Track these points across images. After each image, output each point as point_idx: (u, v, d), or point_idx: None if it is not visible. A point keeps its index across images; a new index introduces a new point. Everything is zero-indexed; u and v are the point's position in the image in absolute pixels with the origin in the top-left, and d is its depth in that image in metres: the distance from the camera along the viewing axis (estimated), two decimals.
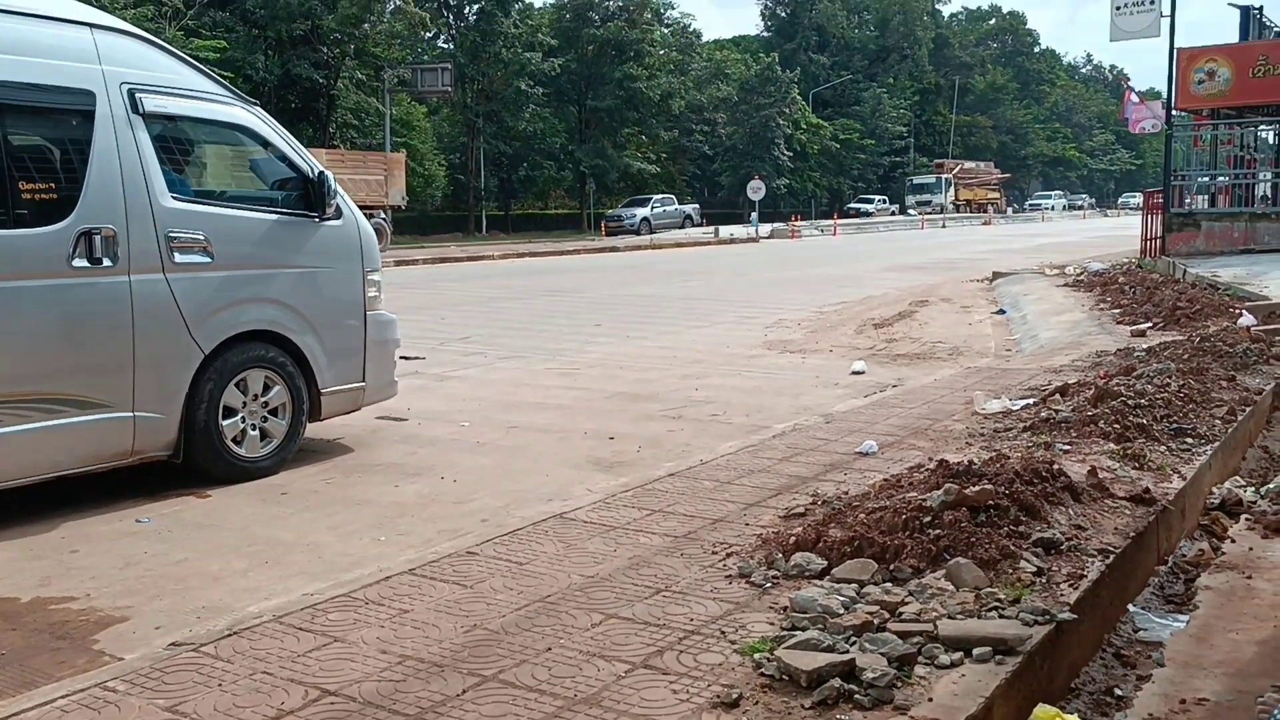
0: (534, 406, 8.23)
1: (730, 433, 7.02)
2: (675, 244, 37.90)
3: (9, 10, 5.24)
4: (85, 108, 5.37)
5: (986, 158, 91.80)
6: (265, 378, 6.15)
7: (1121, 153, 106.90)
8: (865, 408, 7.33)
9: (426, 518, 5.35)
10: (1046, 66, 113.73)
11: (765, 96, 63.00)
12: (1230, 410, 6.20)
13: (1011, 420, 6.39)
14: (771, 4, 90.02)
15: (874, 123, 77.84)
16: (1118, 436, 5.48)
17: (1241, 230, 18.10)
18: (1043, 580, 3.54)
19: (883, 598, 3.40)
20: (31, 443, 5.11)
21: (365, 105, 42.86)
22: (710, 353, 11.12)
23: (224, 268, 5.88)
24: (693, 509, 4.79)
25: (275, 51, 39.18)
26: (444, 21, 50.53)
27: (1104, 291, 14.52)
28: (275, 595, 4.11)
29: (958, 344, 11.45)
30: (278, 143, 6.34)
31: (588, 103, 54.98)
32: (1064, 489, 4.33)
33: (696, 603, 3.60)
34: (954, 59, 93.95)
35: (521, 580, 3.89)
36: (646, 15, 56.54)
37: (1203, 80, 18.79)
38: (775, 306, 15.71)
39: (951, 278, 20.34)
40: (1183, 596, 4.08)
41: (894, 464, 5.44)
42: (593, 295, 18.23)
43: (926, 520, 3.87)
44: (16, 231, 5.06)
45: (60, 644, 3.83)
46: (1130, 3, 18.43)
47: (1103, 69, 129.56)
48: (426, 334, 12.36)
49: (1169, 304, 11.65)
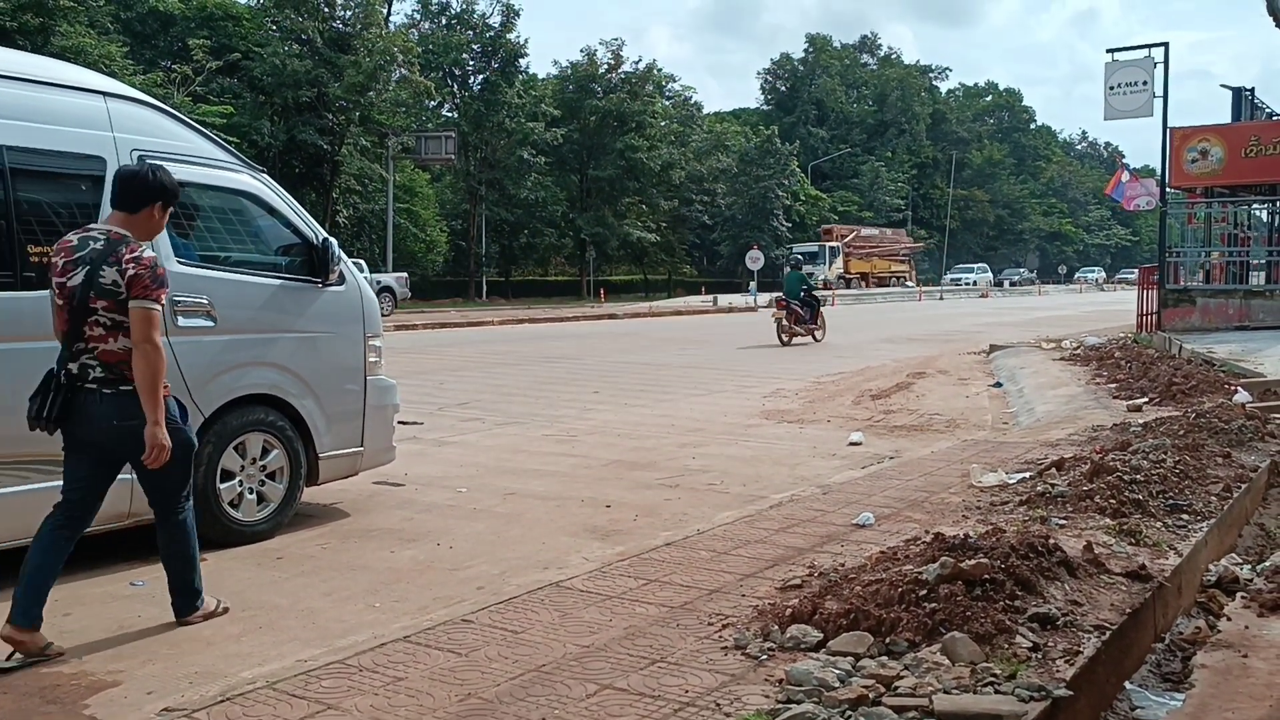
0: (531, 473, 8.23)
1: (727, 502, 7.03)
2: (674, 312, 38.09)
3: (27, 79, 5.35)
4: (96, 173, 5.46)
5: (983, 231, 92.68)
6: (264, 441, 6.16)
7: (1117, 229, 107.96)
8: (862, 479, 7.34)
9: (422, 584, 5.34)
10: (1042, 142, 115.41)
11: (764, 168, 63.81)
12: (1226, 487, 6.21)
13: (1008, 494, 6.39)
14: (771, 78, 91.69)
15: (872, 195, 78.77)
16: (1114, 512, 5.48)
17: (1236, 307, 18.23)
18: (1039, 656, 3.54)
19: (878, 671, 3.39)
20: (30, 503, 5.10)
21: (369, 171, 43.35)
22: (708, 421, 11.14)
23: (227, 332, 5.93)
24: (689, 579, 4.78)
25: (281, 117, 39.71)
26: (448, 90, 51.35)
27: (1100, 366, 14.58)
28: (269, 661, 4.09)
29: (955, 416, 11.48)
30: (283, 209, 6.43)
31: (589, 172, 55.67)
32: (1060, 564, 4.33)
33: (692, 674, 3.58)
34: (951, 134, 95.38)
35: (516, 649, 3.88)
36: (648, 88, 57.51)
37: (1196, 159, 19.06)
38: (773, 376, 15.76)
39: (948, 350, 20.44)
40: (1179, 674, 4.06)
41: (890, 536, 5.44)
42: (591, 362, 18.29)
43: (922, 594, 3.87)
44: (24, 294, 5.12)
45: (51, 709, 3.80)
46: (1124, 83, 18.75)
47: (1098, 146, 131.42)
48: (425, 399, 12.39)
49: (1165, 379, 11.69)
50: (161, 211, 4.63)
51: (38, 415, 4.37)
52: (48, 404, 4.36)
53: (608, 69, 56.27)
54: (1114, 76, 18.89)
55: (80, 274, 4.33)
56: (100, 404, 4.37)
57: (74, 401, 4.38)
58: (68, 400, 4.38)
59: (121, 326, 4.33)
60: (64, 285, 4.36)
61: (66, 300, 4.35)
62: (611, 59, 56.47)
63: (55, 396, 4.36)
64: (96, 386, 4.37)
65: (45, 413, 4.36)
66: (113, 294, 4.30)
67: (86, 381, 4.37)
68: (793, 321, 22.20)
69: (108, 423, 4.38)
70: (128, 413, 4.35)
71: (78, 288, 4.32)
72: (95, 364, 4.37)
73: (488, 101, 49.88)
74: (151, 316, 4.32)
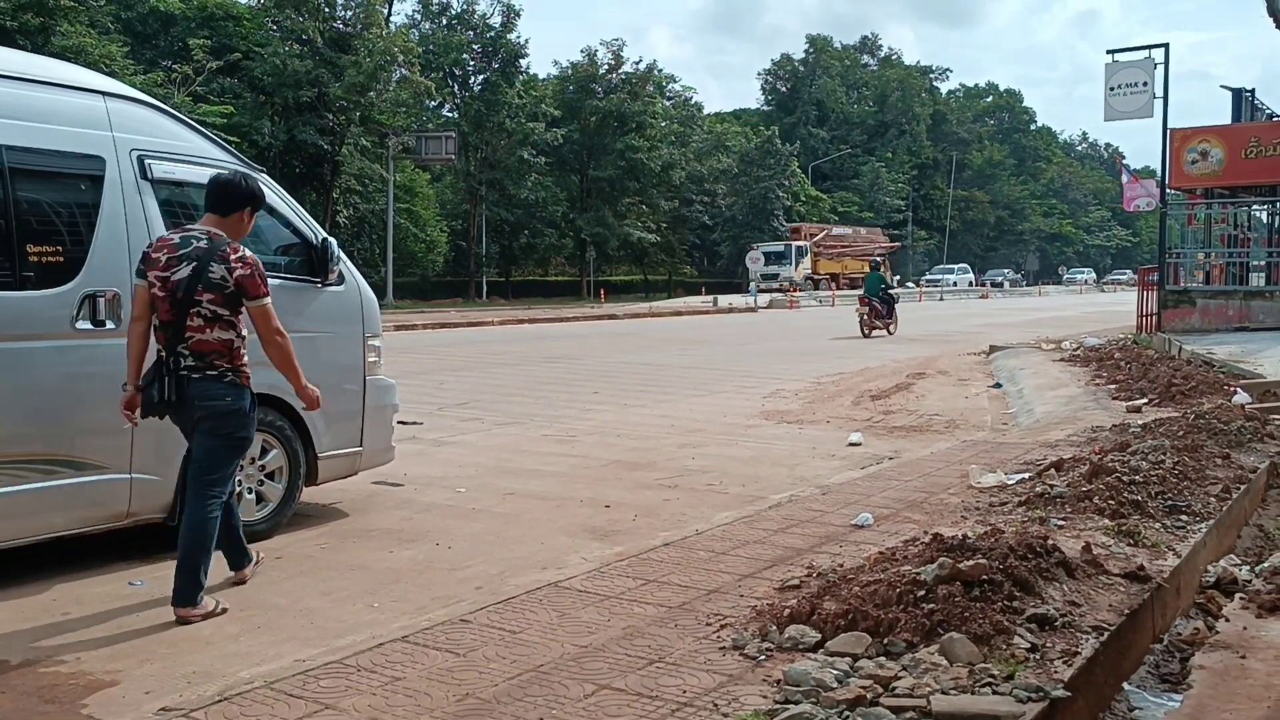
0: (531, 473, 8.24)
1: (726, 503, 7.03)
2: (674, 312, 38.08)
3: (27, 78, 5.35)
4: (95, 173, 5.46)
5: (984, 232, 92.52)
6: (263, 441, 6.16)
7: (1117, 229, 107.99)
8: (861, 480, 7.34)
9: (421, 584, 5.34)
10: (1043, 143, 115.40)
11: (765, 168, 63.79)
12: (1225, 488, 6.21)
13: (1007, 494, 6.40)
14: (772, 79, 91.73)
15: (872, 196, 78.78)
16: (1112, 513, 5.49)
17: (1236, 308, 18.23)
18: (1037, 657, 3.54)
19: (876, 672, 3.40)
20: (28, 504, 5.11)
21: (369, 171, 43.31)
22: (707, 422, 11.14)
23: None
24: (687, 579, 4.78)
25: (281, 117, 39.69)
26: (449, 90, 51.31)
27: (1100, 367, 14.58)
28: (267, 661, 4.09)
29: (954, 417, 11.48)
30: (282, 209, 6.43)
31: (589, 172, 55.65)
32: (1058, 565, 4.33)
33: (690, 674, 3.58)
34: (951, 135, 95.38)
35: (515, 649, 3.88)
36: (649, 88, 57.47)
37: (1196, 160, 19.07)
38: (773, 376, 15.77)
39: (948, 350, 20.44)
40: (1178, 675, 4.06)
41: (889, 537, 5.44)
42: (591, 362, 18.29)
43: (921, 594, 3.87)
44: (22, 293, 5.12)
45: (49, 708, 3.80)
46: (1124, 84, 18.75)
47: (1098, 147, 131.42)
48: (425, 399, 12.39)
49: (1164, 380, 11.69)
50: (249, 216, 5.04)
51: (158, 400, 4.78)
52: (164, 388, 4.76)
53: (608, 69, 56.26)
54: (1114, 77, 18.89)
55: (186, 269, 4.72)
56: (189, 387, 4.77)
57: (178, 385, 4.79)
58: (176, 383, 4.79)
59: (220, 319, 4.76)
60: (167, 279, 4.72)
61: (169, 292, 4.72)
62: (612, 59, 56.47)
63: (168, 380, 4.76)
64: (186, 372, 4.77)
65: (162, 396, 4.77)
66: (220, 288, 4.73)
67: (179, 369, 4.77)
68: (873, 317, 24.76)
69: (194, 404, 4.80)
70: (209, 395, 4.78)
71: (183, 281, 4.71)
72: (187, 353, 4.76)
73: (488, 102, 49.87)
74: (268, 310, 4.84)
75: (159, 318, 4.79)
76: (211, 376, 4.77)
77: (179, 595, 4.76)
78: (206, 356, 4.76)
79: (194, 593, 4.78)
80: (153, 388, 4.78)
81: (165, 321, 4.77)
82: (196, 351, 4.75)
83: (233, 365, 4.82)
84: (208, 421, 4.81)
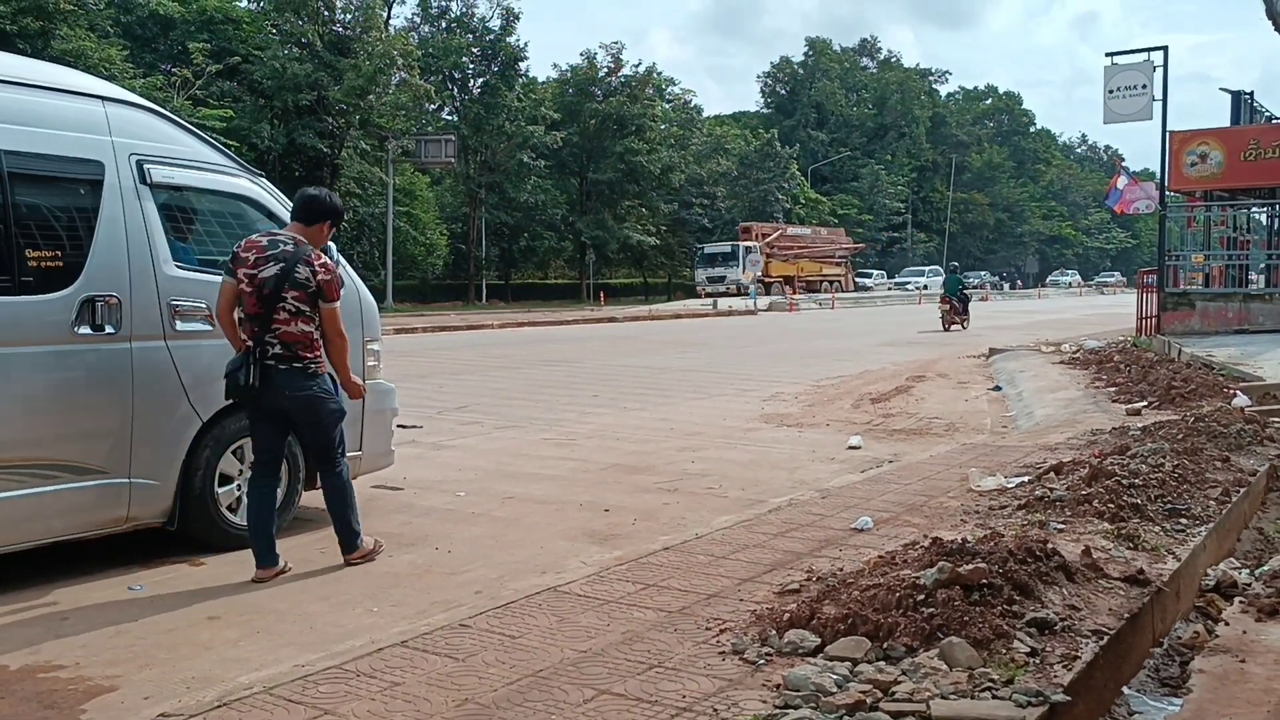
0: (530, 477, 8.23)
1: (726, 506, 7.02)
2: (674, 315, 38.09)
3: (26, 83, 5.35)
4: (94, 177, 5.46)
5: (983, 234, 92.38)
6: None
7: (1117, 231, 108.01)
8: (861, 483, 7.34)
9: (420, 589, 5.33)
10: (1042, 146, 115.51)
11: (764, 171, 63.87)
12: (1225, 491, 6.21)
13: (1006, 498, 6.40)
14: (771, 81, 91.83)
15: (872, 198, 78.85)
16: (1112, 516, 5.48)
17: (1236, 310, 18.23)
18: (1036, 661, 3.54)
19: (876, 676, 3.39)
20: (27, 508, 5.11)
21: (369, 174, 43.39)
22: (707, 425, 11.13)
23: (224, 336, 5.92)
24: (687, 584, 4.78)
25: (281, 121, 39.75)
26: (448, 94, 51.43)
27: (1099, 369, 14.58)
28: (266, 666, 4.09)
29: (954, 420, 11.48)
30: (281, 213, 6.41)
31: (589, 175, 55.73)
32: (1058, 568, 4.33)
33: (689, 679, 3.58)
34: (951, 137, 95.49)
35: (514, 654, 3.87)
36: (648, 91, 57.54)
37: (1195, 163, 19.07)
38: (772, 380, 15.77)
39: (948, 353, 20.43)
40: (1177, 679, 4.06)
41: (889, 540, 5.44)
42: (590, 365, 18.30)
43: (920, 598, 3.87)
44: (21, 298, 5.12)
45: (48, 713, 3.80)
46: (1123, 87, 18.75)
47: (1098, 149, 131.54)
48: (424, 402, 12.39)
49: (1164, 383, 11.69)
50: (329, 228, 5.67)
51: (244, 386, 5.29)
52: (249, 375, 5.28)
53: (607, 72, 56.36)
54: (1113, 80, 18.89)
55: (274, 268, 5.29)
56: (277, 377, 5.32)
57: (263, 374, 5.31)
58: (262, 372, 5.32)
59: (301, 314, 5.34)
60: (255, 276, 5.29)
61: (257, 288, 5.28)
62: (611, 62, 56.60)
63: (255, 368, 5.29)
64: (274, 363, 5.31)
65: (248, 382, 5.28)
66: (304, 286, 5.32)
67: (266, 358, 5.31)
68: (952, 313, 29.08)
69: (282, 392, 5.35)
70: (296, 385, 5.37)
71: (271, 278, 5.28)
72: (275, 343, 5.31)
73: (487, 105, 49.96)
74: (337, 312, 5.49)
75: (245, 310, 5.33)
76: (297, 369, 5.35)
77: (344, 546, 5.68)
78: (292, 346, 5.33)
79: (354, 540, 5.69)
80: (240, 373, 5.28)
81: (253, 315, 5.31)
82: (283, 341, 5.32)
83: (313, 355, 5.41)
84: (305, 413, 5.46)
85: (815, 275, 59.81)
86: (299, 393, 5.39)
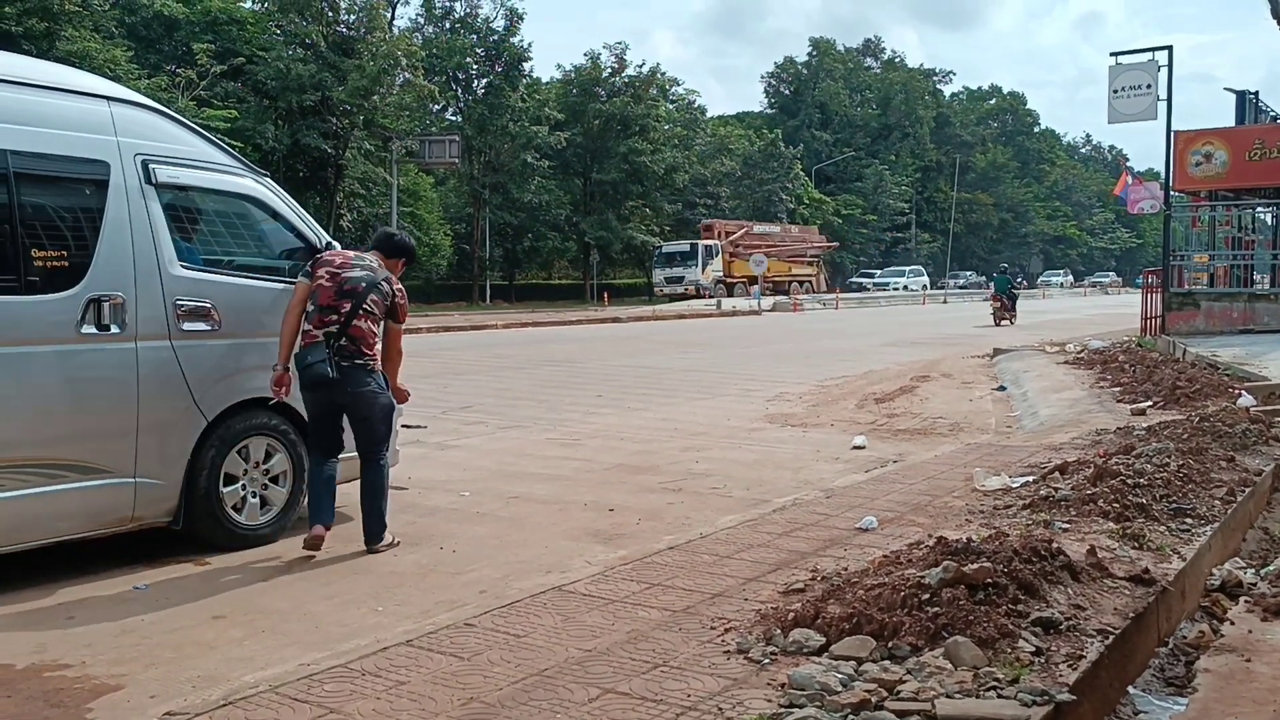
0: (534, 477, 8.24)
1: (730, 506, 7.02)
2: (678, 315, 38.08)
3: (32, 83, 5.36)
4: (100, 177, 5.47)
5: (987, 234, 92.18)
6: (267, 445, 6.18)
7: (1121, 231, 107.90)
8: (866, 483, 7.34)
9: (425, 588, 5.34)
10: (1046, 146, 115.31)
11: (768, 171, 63.84)
12: (1230, 491, 6.20)
13: (1011, 498, 6.39)
14: (775, 82, 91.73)
15: (876, 198, 78.79)
16: (1117, 516, 5.48)
17: (1241, 310, 18.20)
18: (1041, 660, 3.53)
19: (881, 675, 3.39)
20: (32, 508, 5.12)
21: (373, 175, 43.40)
22: (711, 425, 11.13)
23: (230, 336, 5.94)
24: (691, 583, 4.78)
25: (285, 121, 39.77)
26: (452, 94, 51.42)
27: (1104, 369, 14.56)
28: (271, 665, 4.10)
29: (958, 420, 11.46)
30: (286, 213, 6.44)
31: (593, 175, 55.70)
32: (1063, 568, 4.32)
33: (694, 678, 3.58)
34: (955, 137, 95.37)
35: (519, 653, 3.88)
36: (652, 91, 57.50)
37: (1200, 163, 19.03)
38: (776, 380, 15.76)
39: (952, 353, 20.41)
40: (1183, 679, 4.05)
41: (894, 540, 5.43)
42: (594, 365, 18.30)
43: (925, 598, 3.87)
44: (27, 298, 5.13)
45: (54, 712, 3.81)
46: (1128, 86, 18.72)
47: (1102, 149, 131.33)
48: (429, 402, 12.39)
49: (1169, 383, 11.67)
50: (403, 265, 6.40)
51: (326, 377, 5.73)
52: (330, 366, 5.73)
53: (611, 72, 56.33)
54: (1118, 80, 18.86)
55: (361, 273, 5.96)
56: (342, 373, 5.80)
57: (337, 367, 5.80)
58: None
59: (372, 316, 5.95)
60: (339, 275, 5.90)
61: (338, 285, 5.87)
62: (615, 63, 56.57)
63: (336, 359, 5.77)
64: (349, 359, 5.83)
65: (329, 375, 5.73)
66: (385, 296, 6.03)
67: (341, 354, 5.81)
68: (1003, 310, 31.54)
69: (345, 388, 5.83)
70: (358, 382, 5.86)
71: (358, 279, 5.92)
72: (346, 339, 5.82)
73: (491, 105, 49.95)
74: (401, 333, 6.29)
75: (320, 303, 5.83)
76: (360, 365, 5.85)
77: (370, 536, 6.02)
78: (358, 342, 5.85)
79: (382, 531, 6.05)
80: (322, 365, 5.73)
81: (327, 306, 5.83)
82: (351, 336, 5.83)
83: (373, 354, 5.94)
84: (364, 408, 5.92)
85: (783, 275, 55.86)
86: (360, 388, 5.86)
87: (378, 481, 6.06)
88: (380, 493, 6.08)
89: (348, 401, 5.92)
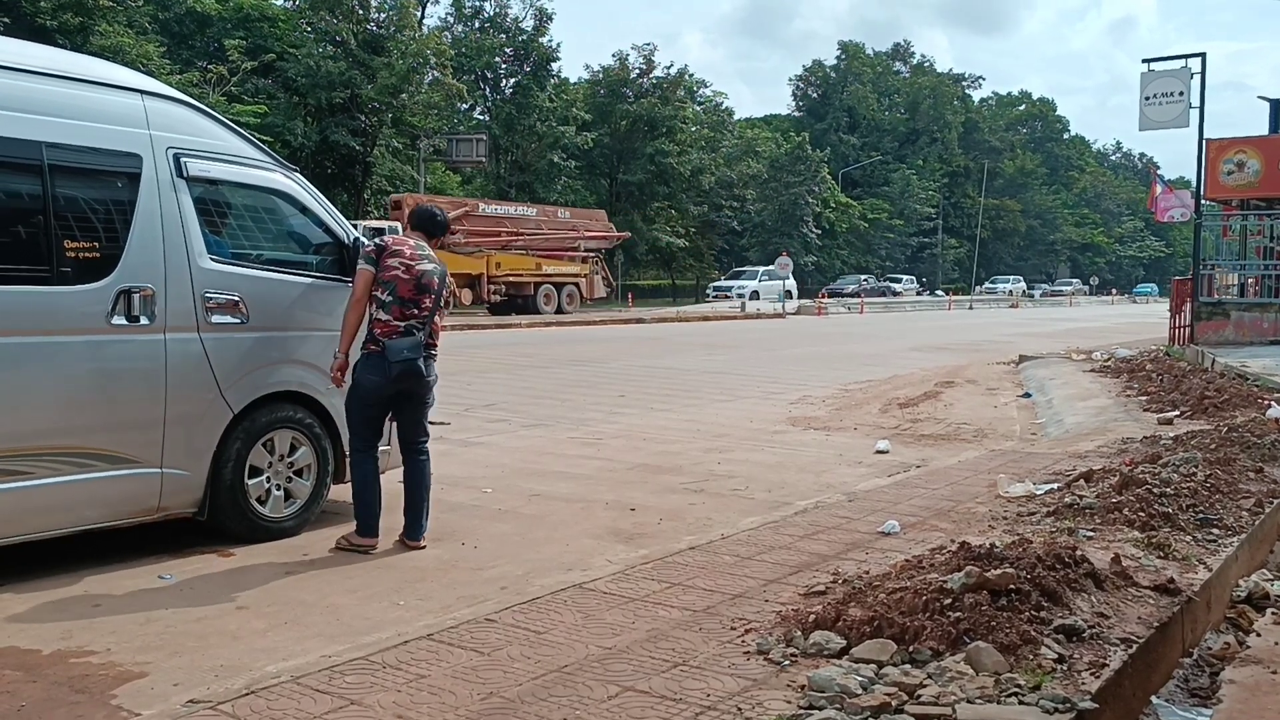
0: (557, 475, 8.25)
1: (752, 508, 7.01)
2: (702, 317, 38.06)
3: (67, 76, 5.41)
4: (132, 170, 5.52)
5: (1015, 241, 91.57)
6: (292, 438, 6.21)
7: (1150, 240, 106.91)
8: (888, 487, 7.31)
9: (446, 583, 5.36)
10: (1076, 153, 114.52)
11: (795, 175, 63.67)
12: (1258, 502, 6.14)
13: (1035, 505, 6.36)
14: (803, 85, 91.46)
15: (902, 203, 78.47)
16: (1142, 525, 5.44)
17: (1272, 321, 18.00)
18: (1064, 668, 3.51)
19: (901, 679, 3.38)
20: (60, 496, 5.17)
21: (400, 173, 43.61)
22: (734, 427, 11.12)
23: (257, 329, 5.98)
24: (712, 583, 4.78)
25: (314, 118, 40.01)
26: (480, 94, 51.60)
27: (1131, 378, 14.44)
28: (293, 656, 4.12)
29: (983, 426, 11.40)
30: (314, 208, 6.48)
31: (619, 176, 55.74)
32: (1087, 576, 4.30)
33: (714, 678, 3.58)
34: (983, 143, 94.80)
35: (539, 649, 3.89)
36: (679, 93, 57.49)
37: (1232, 171, 18.85)
38: (800, 383, 15.73)
39: (977, 359, 20.31)
40: (1207, 690, 4.02)
41: (916, 545, 5.42)
42: (618, 366, 18.31)
43: (947, 602, 3.85)
44: (59, 288, 5.18)
45: (79, 698, 3.85)
46: (1159, 94, 18.55)
47: (1132, 157, 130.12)
48: (452, 400, 12.42)
49: (1197, 393, 11.57)
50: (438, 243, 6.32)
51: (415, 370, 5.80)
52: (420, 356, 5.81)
53: (639, 74, 56.34)
54: (1150, 87, 18.68)
55: (430, 265, 5.94)
56: (421, 362, 5.84)
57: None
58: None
59: (441, 308, 6.05)
60: (413, 267, 5.86)
61: (415, 278, 5.84)
62: (643, 64, 56.56)
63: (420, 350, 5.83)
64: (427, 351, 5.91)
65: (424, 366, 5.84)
66: (447, 289, 6.10)
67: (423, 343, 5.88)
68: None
69: (423, 378, 5.91)
70: (430, 371, 5.97)
71: (431, 272, 5.92)
72: (424, 331, 5.89)
73: (519, 105, 50.08)
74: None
75: (400, 295, 5.78)
76: (432, 356, 5.97)
77: (412, 531, 6.01)
78: (434, 335, 5.98)
79: (420, 531, 6.03)
80: (419, 359, 5.80)
81: (408, 299, 5.81)
82: (432, 331, 5.95)
83: (436, 345, 6.04)
84: (426, 394, 6.02)
85: (528, 275, 37.08)
86: (430, 376, 5.98)
87: (428, 474, 6.10)
88: (425, 486, 6.09)
89: (420, 390, 5.97)
